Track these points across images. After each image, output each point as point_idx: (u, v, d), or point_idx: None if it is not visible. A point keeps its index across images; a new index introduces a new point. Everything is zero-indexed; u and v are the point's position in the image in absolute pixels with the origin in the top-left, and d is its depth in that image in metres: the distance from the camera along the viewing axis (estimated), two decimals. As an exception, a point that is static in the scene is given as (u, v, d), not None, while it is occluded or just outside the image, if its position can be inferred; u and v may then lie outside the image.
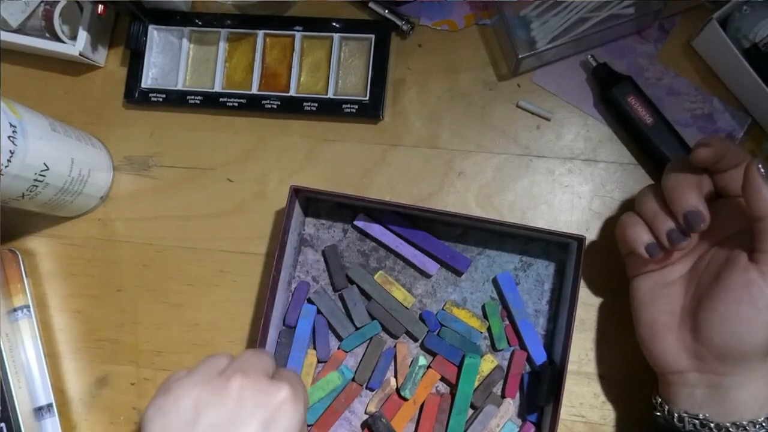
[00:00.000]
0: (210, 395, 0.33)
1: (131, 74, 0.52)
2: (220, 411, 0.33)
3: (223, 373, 0.35)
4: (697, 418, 0.37)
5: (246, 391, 0.33)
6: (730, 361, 0.36)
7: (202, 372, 0.35)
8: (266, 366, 0.36)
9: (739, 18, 0.45)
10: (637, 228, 0.40)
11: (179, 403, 0.33)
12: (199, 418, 0.33)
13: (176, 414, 0.33)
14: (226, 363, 0.36)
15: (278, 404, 0.33)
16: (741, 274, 0.36)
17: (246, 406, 0.33)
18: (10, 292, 0.49)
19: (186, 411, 0.33)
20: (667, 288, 0.40)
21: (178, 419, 0.33)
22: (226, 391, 0.33)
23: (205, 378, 0.34)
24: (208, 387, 0.33)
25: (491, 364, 0.45)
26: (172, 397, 0.34)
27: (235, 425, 0.32)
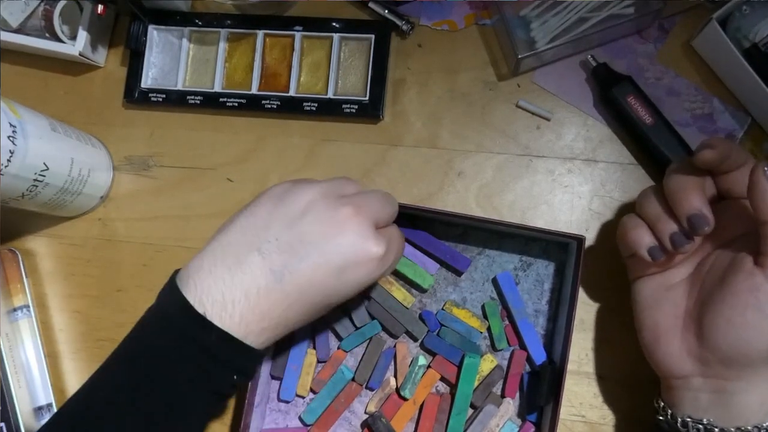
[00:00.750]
0: (321, 208, 0.35)
1: (131, 74, 0.52)
2: (318, 226, 0.34)
3: (343, 197, 0.36)
4: (701, 423, 0.37)
5: (348, 225, 0.35)
6: (736, 366, 0.36)
7: (328, 185, 0.37)
8: (381, 216, 0.37)
9: (739, 18, 0.45)
10: (638, 230, 0.39)
11: (295, 198, 0.36)
12: (301, 220, 0.35)
13: (286, 206, 0.35)
14: (352, 191, 0.37)
15: (365, 257, 0.35)
16: (746, 278, 0.35)
17: (340, 237, 0.34)
18: (10, 292, 0.49)
19: (295, 207, 0.35)
20: (670, 291, 0.40)
21: (285, 211, 0.35)
22: (334, 212, 0.35)
23: (327, 192, 0.36)
24: (323, 200, 0.35)
25: (491, 363, 0.45)
26: (293, 191, 0.36)
27: (322, 244, 0.34)
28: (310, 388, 0.47)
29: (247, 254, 0.34)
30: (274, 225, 0.35)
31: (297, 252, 0.34)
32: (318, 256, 0.34)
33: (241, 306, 0.33)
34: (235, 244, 0.35)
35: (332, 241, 0.34)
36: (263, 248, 0.34)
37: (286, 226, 0.35)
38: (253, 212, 0.36)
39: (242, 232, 0.35)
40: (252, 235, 0.35)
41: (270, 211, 0.35)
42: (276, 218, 0.35)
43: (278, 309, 0.34)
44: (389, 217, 0.38)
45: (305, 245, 0.34)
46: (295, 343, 0.47)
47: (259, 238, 0.34)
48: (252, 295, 0.34)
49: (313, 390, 0.47)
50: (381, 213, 0.37)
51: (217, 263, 0.34)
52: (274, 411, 0.47)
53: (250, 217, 0.36)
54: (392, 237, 0.38)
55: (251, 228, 0.35)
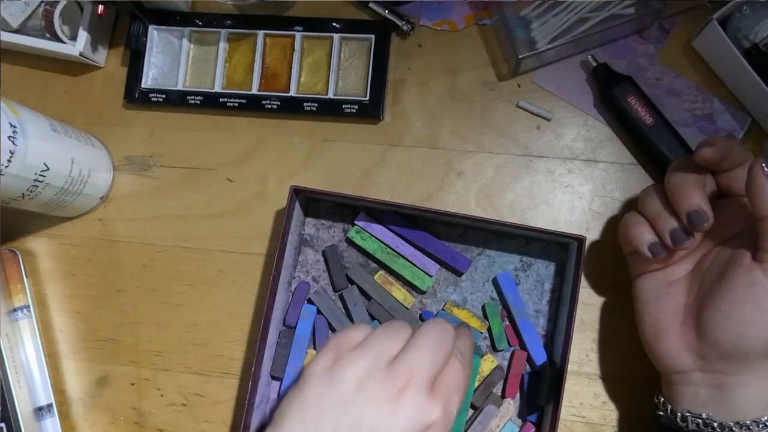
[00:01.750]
0: (373, 386, 0.33)
1: (131, 74, 0.52)
2: (374, 407, 0.32)
3: (392, 363, 0.34)
4: (700, 418, 0.37)
5: (403, 400, 0.32)
6: (735, 361, 0.36)
7: (374, 352, 0.34)
8: (436, 369, 0.34)
9: (739, 18, 0.45)
10: (640, 227, 0.40)
11: (343, 375, 0.33)
12: (354, 401, 0.32)
13: (336, 386, 0.33)
14: (400, 344, 0.35)
15: (426, 424, 0.32)
16: (745, 273, 0.36)
17: (398, 415, 0.32)
18: (10, 292, 0.49)
19: (346, 388, 0.33)
20: (671, 287, 0.40)
21: (336, 395, 0.33)
22: (386, 389, 0.32)
23: (375, 363, 0.33)
24: (374, 376, 0.33)
25: (491, 364, 0.45)
26: (339, 367, 0.33)
27: (381, 425, 0.32)
28: (311, 388, 0.47)
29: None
30: (328, 414, 0.32)
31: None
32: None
33: None
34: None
35: (391, 421, 0.32)
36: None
37: (342, 411, 0.32)
38: (304, 398, 0.33)
39: (297, 423, 0.32)
40: (307, 427, 0.32)
41: (320, 396, 0.33)
42: (329, 404, 0.33)
43: None
44: (446, 358, 0.35)
45: (364, 429, 0.32)
46: (295, 344, 0.47)
47: (317, 430, 0.32)
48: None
49: (314, 390, 0.47)
50: (435, 365, 0.34)
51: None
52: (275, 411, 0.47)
53: (301, 405, 0.33)
54: (450, 384, 0.34)
55: (305, 419, 0.32)
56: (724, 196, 0.40)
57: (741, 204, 0.38)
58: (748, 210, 0.37)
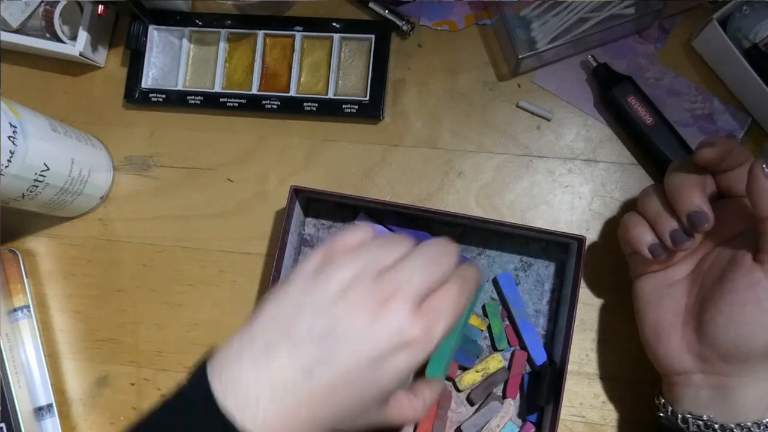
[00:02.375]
0: (357, 292, 0.31)
1: (131, 74, 0.52)
2: (353, 314, 0.30)
3: (382, 272, 0.32)
4: (701, 419, 0.37)
5: (385, 311, 0.30)
6: (735, 362, 0.36)
7: (366, 257, 0.32)
8: (427, 285, 0.32)
9: (739, 18, 0.45)
10: (639, 228, 0.39)
11: (329, 277, 0.31)
12: (335, 306, 0.31)
13: (319, 288, 0.31)
14: (396, 256, 0.33)
15: (402, 342, 0.30)
16: (746, 274, 0.36)
17: (376, 326, 0.30)
18: (10, 292, 0.49)
19: (329, 290, 0.31)
20: (671, 288, 0.40)
21: (318, 295, 0.31)
22: (371, 297, 0.31)
23: (365, 269, 0.32)
24: (360, 281, 0.31)
25: (499, 363, 0.45)
26: (327, 269, 0.32)
27: (357, 334, 0.30)
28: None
29: (275, 345, 0.30)
30: (306, 312, 0.31)
31: (329, 344, 0.30)
32: (353, 348, 0.30)
33: (266, 404, 0.29)
34: (264, 333, 0.31)
35: (368, 330, 0.30)
36: (293, 339, 0.30)
37: (318, 313, 0.31)
38: (285, 294, 0.32)
39: (272, 317, 0.31)
40: (282, 322, 0.31)
41: (302, 294, 0.32)
42: (308, 303, 0.31)
43: (306, 409, 0.30)
44: (442, 278, 0.33)
45: (338, 337, 0.30)
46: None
47: (289, 327, 0.30)
48: (278, 391, 0.29)
49: (314, 390, 0.47)
50: (425, 282, 0.32)
51: (244, 354, 0.30)
52: (275, 411, 0.47)
53: (282, 300, 0.32)
54: (439, 307, 0.32)
55: (282, 314, 0.31)
56: (724, 197, 0.40)
57: (741, 205, 0.38)
58: (748, 211, 0.37)
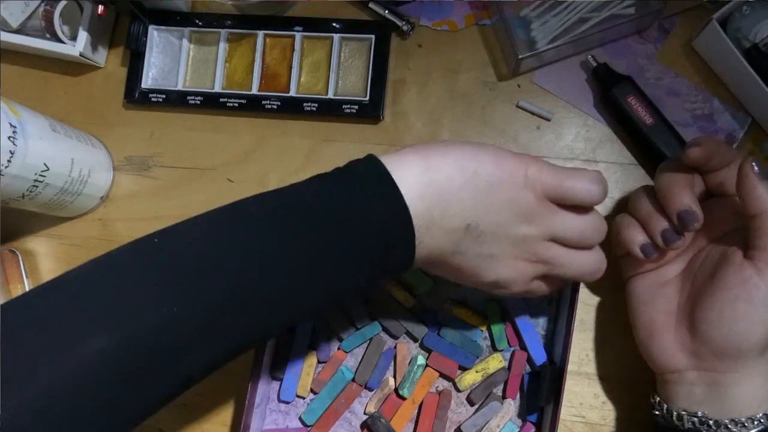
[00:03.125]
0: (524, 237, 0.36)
1: (131, 74, 0.52)
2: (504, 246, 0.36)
3: (549, 245, 0.37)
4: (695, 416, 0.38)
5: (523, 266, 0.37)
6: (728, 359, 0.37)
7: (560, 222, 0.36)
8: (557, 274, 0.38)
9: (739, 18, 0.45)
10: (631, 229, 0.40)
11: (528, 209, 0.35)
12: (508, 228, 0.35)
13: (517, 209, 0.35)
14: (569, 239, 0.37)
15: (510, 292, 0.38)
16: (737, 271, 0.36)
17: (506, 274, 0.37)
18: (10, 292, 0.49)
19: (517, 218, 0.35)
20: (664, 288, 0.41)
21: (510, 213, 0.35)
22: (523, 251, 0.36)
23: (548, 230, 0.36)
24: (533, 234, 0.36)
25: (499, 363, 0.45)
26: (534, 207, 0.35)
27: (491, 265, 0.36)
28: (311, 388, 0.47)
29: (459, 220, 0.34)
30: (493, 219, 0.35)
31: (481, 252, 0.35)
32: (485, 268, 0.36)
33: (421, 250, 0.34)
34: (461, 203, 0.34)
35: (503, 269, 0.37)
36: (471, 228, 0.34)
37: (498, 230, 0.35)
38: (495, 197, 0.34)
39: (475, 197, 0.34)
40: (476, 207, 0.34)
41: (504, 207, 0.35)
42: (498, 224, 0.35)
43: (432, 263, 0.36)
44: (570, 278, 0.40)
45: (489, 255, 0.36)
46: (295, 344, 0.47)
47: (476, 219, 0.34)
48: (434, 252, 0.34)
49: (314, 390, 0.47)
50: (562, 274, 0.38)
51: (437, 205, 0.33)
52: (275, 411, 0.47)
53: (491, 189, 0.34)
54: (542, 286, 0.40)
55: (482, 200, 0.34)
56: (713, 196, 0.40)
57: (730, 203, 0.39)
58: (737, 208, 0.37)
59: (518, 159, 0.35)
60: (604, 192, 0.36)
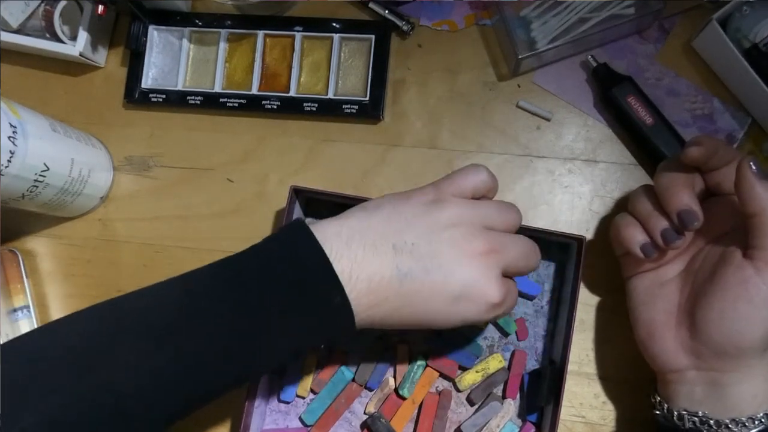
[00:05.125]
0: (462, 232, 0.36)
1: (131, 74, 0.52)
2: (453, 249, 0.35)
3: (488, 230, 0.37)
4: (696, 416, 0.38)
5: (479, 260, 0.35)
6: (729, 358, 0.37)
7: (479, 212, 0.37)
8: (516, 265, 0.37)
9: (739, 18, 0.45)
10: (631, 228, 0.40)
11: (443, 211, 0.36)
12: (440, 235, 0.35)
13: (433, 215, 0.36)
14: (502, 226, 0.37)
15: (481, 297, 0.35)
16: (736, 271, 0.36)
17: (467, 268, 0.35)
18: (11, 292, 0.49)
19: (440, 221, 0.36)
20: (664, 287, 0.41)
21: (430, 221, 0.36)
22: (471, 243, 0.36)
23: (474, 220, 0.36)
24: (467, 226, 0.36)
25: (499, 363, 0.45)
26: (444, 203, 0.36)
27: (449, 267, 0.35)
28: (311, 388, 0.47)
29: (383, 244, 0.35)
30: (416, 229, 0.35)
31: (426, 262, 0.35)
32: (441, 277, 0.35)
33: (361, 287, 0.34)
34: (376, 230, 0.35)
35: (459, 269, 0.35)
36: (398, 246, 0.35)
37: (425, 235, 0.35)
38: (402, 208, 0.36)
39: (387, 221, 0.36)
40: (394, 229, 0.35)
41: (417, 215, 0.36)
42: (420, 224, 0.36)
43: (387, 306, 0.35)
44: (521, 270, 0.38)
45: (434, 261, 0.35)
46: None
47: (399, 235, 0.35)
48: (374, 282, 0.34)
49: (314, 390, 0.47)
50: (514, 262, 0.37)
51: (355, 239, 0.35)
52: (275, 411, 0.47)
53: (398, 212, 0.36)
54: (513, 290, 0.38)
55: (395, 222, 0.36)
56: (713, 195, 0.40)
57: (730, 202, 0.39)
58: (737, 208, 0.37)
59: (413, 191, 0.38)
60: (489, 173, 0.39)
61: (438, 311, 0.36)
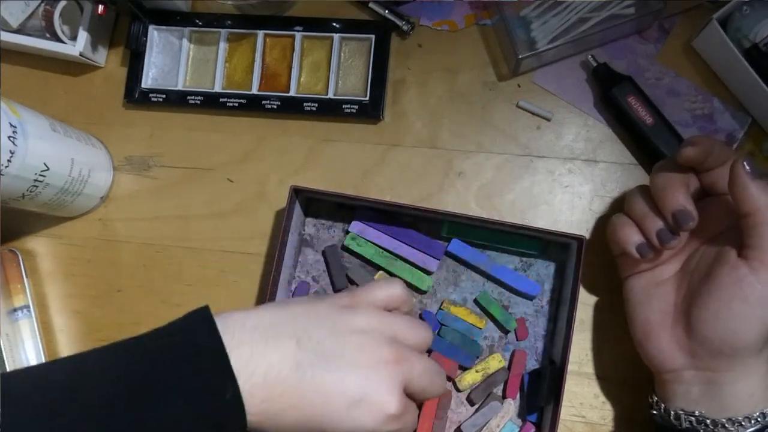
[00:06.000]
0: (370, 339, 0.36)
1: (131, 74, 0.52)
2: (358, 353, 0.35)
3: (396, 342, 0.36)
4: (693, 415, 0.38)
5: (383, 369, 0.35)
6: (725, 358, 0.37)
7: (392, 325, 0.37)
8: (418, 384, 0.37)
9: (739, 18, 0.45)
10: (627, 229, 0.40)
11: (355, 316, 0.36)
12: (347, 338, 0.35)
13: (344, 319, 0.36)
14: (412, 342, 0.37)
15: (379, 407, 0.34)
16: (731, 270, 0.36)
17: (370, 374, 0.35)
18: (11, 292, 0.49)
19: (350, 324, 0.36)
20: (660, 287, 0.41)
21: (340, 323, 0.36)
22: (378, 349, 0.35)
23: (385, 330, 0.36)
24: (377, 334, 0.36)
25: (499, 363, 0.45)
26: (358, 310, 0.37)
27: (351, 370, 0.34)
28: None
29: (287, 339, 0.34)
30: (324, 329, 0.35)
31: (328, 362, 0.34)
32: (342, 377, 0.34)
33: (256, 379, 0.33)
34: (283, 325, 0.35)
35: (362, 372, 0.34)
36: (303, 341, 0.34)
37: (332, 335, 0.35)
38: (316, 307, 0.37)
39: (294, 319, 0.36)
40: (301, 325, 0.35)
41: (328, 316, 0.36)
42: (328, 324, 0.36)
43: (282, 402, 0.34)
44: (424, 389, 0.37)
45: (338, 361, 0.34)
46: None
47: (305, 332, 0.35)
48: (271, 375, 0.33)
49: (314, 390, 0.47)
50: (418, 379, 0.36)
51: (259, 329, 0.34)
52: (275, 411, 0.47)
53: (310, 310, 0.36)
54: (412, 411, 0.38)
55: (304, 320, 0.36)
56: (708, 195, 0.40)
57: (725, 202, 0.39)
58: (731, 208, 0.37)
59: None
60: (404, 289, 0.39)
61: (334, 414, 0.34)
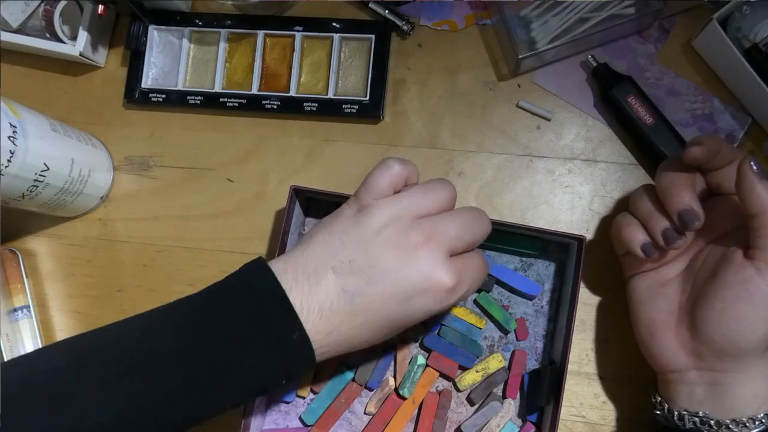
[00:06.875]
0: (393, 232, 0.35)
1: (131, 74, 0.52)
2: (389, 250, 0.35)
3: (418, 219, 0.36)
4: (696, 416, 0.38)
5: (418, 253, 0.35)
6: (729, 359, 0.37)
7: (405, 204, 0.36)
8: (458, 243, 0.36)
9: (739, 18, 0.45)
10: (632, 228, 0.40)
11: (369, 217, 0.36)
12: (374, 241, 0.35)
13: (361, 225, 0.35)
14: (434, 209, 0.36)
15: (434, 286, 0.35)
16: (737, 271, 0.36)
17: (409, 265, 0.34)
18: (10, 292, 0.49)
19: (369, 228, 0.35)
20: (664, 287, 0.41)
21: (360, 231, 0.35)
22: (405, 238, 0.35)
23: (402, 213, 0.36)
24: (397, 223, 0.35)
25: (499, 363, 0.45)
26: (369, 209, 0.36)
27: (392, 270, 0.34)
28: (311, 388, 0.47)
29: (324, 271, 0.35)
30: (349, 245, 0.35)
31: (368, 276, 0.35)
32: (387, 283, 0.34)
33: (314, 317, 0.34)
34: (315, 259, 0.35)
35: (402, 268, 0.34)
36: (338, 268, 0.35)
37: (359, 247, 0.35)
38: (332, 228, 0.36)
39: (322, 246, 0.36)
40: (329, 252, 0.35)
41: (346, 230, 0.36)
42: (351, 238, 0.35)
43: (345, 327, 0.35)
44: (471, 243, 0.37)
45: (376, 270, 0.34)
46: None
47: (335, 257, 0.35)
48: (325, 310, 0.34)
49: (314, 390, 0.47)
50: (458, 240, 0.36)
51: (299, 272, 0.35)
52: (275, 411, 0.47)
53: (329, 233, 0.36)
54: (468, 266, 0.37)
55: (329, 245, 0.36)
56: (714, 195, 0.40)
57: (731, 202, 0.39)
58: (738, 208, 0.37)
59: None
60: (401, 163, 0.37)
61: (397, 314, 0.35)
